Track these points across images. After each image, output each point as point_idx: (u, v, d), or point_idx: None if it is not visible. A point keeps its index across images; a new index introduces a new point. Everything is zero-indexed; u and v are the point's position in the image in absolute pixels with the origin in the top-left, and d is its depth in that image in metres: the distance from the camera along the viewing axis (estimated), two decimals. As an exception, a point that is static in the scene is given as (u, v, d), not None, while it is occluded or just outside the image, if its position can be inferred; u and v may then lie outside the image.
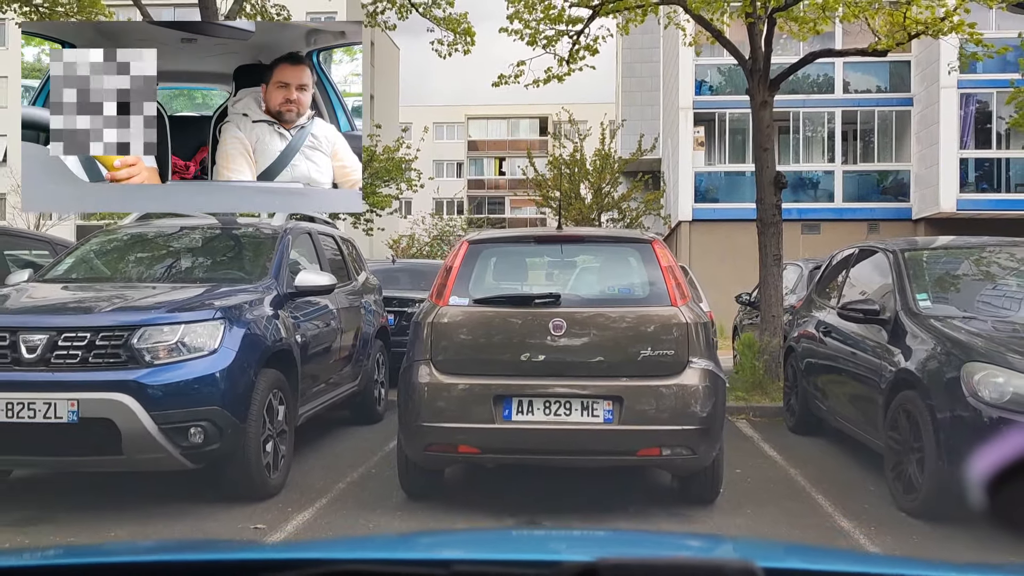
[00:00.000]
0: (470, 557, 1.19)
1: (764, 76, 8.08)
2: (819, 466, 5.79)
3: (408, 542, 1.68)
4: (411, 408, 4.41)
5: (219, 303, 4.67)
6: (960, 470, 4.18)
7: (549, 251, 5.09)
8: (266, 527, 4.26)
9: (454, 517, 4.45)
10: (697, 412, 4.29)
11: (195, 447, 4.31)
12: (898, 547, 4.00)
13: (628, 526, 4.32)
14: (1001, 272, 5.64)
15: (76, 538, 4.04)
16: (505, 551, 1.31)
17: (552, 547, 1.44)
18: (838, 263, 6.96)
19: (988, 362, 4.21)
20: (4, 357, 4.21)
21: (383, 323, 7.69)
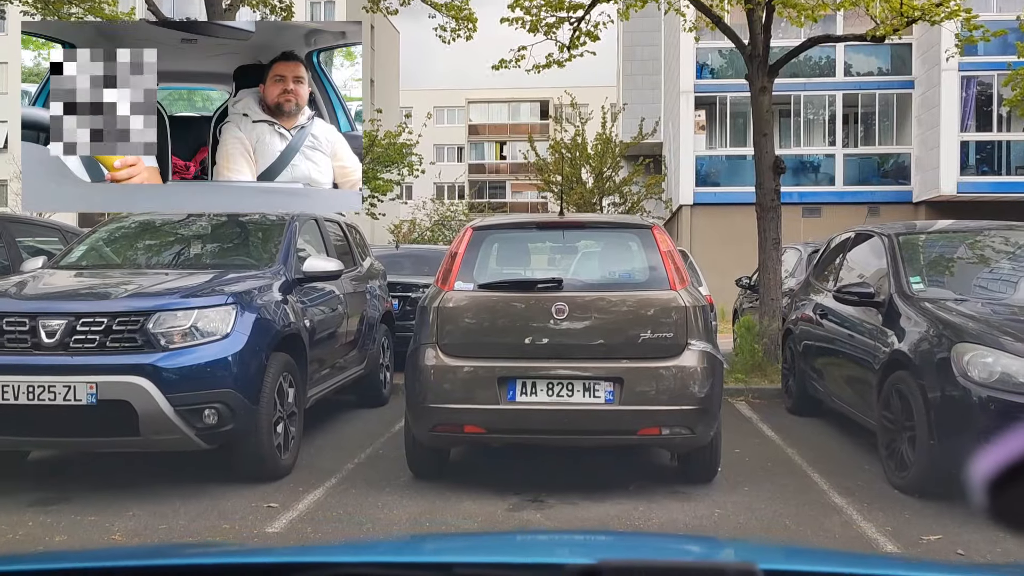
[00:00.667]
0: (472, 560, 1.21)
1: (763, 62, 8.15)
2: (815, 446, 5.94)
3: (411, 545, 1.71)
4: (418, 390, 4.55)
5: (230, 289, 4.80)
6: (950, 448, 4.33)
7: (551, 237, 5.22)
8: (279, 506, 4.41)
9: (460, 496, 4.59)
10: (695, 393, 4.42)
11: (209, 428, 4.46)
12: (889, 523, 4.15)
13: (629, 504, 4.46)
14: (995, 256, 5.76)
15: (97, 517, 4.19)
16: (507, 554, 1.33)
17: (554, 550, 1.47)
18: (835, 247, 7.07)
19: (978, 343, 4.34)
20: (24, 342, 4.35)
21: (388, 308, 7.83)
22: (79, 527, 4.05)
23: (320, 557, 1.23)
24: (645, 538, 2.47)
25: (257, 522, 4.16)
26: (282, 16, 11.04)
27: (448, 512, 4.32)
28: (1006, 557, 3.67)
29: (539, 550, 1.45)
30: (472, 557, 1.26)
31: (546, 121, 48.64)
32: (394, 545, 1.70)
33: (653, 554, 1.39)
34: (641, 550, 1.49)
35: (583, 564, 0.92)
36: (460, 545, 1.62)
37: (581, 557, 1.10)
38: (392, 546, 1.65)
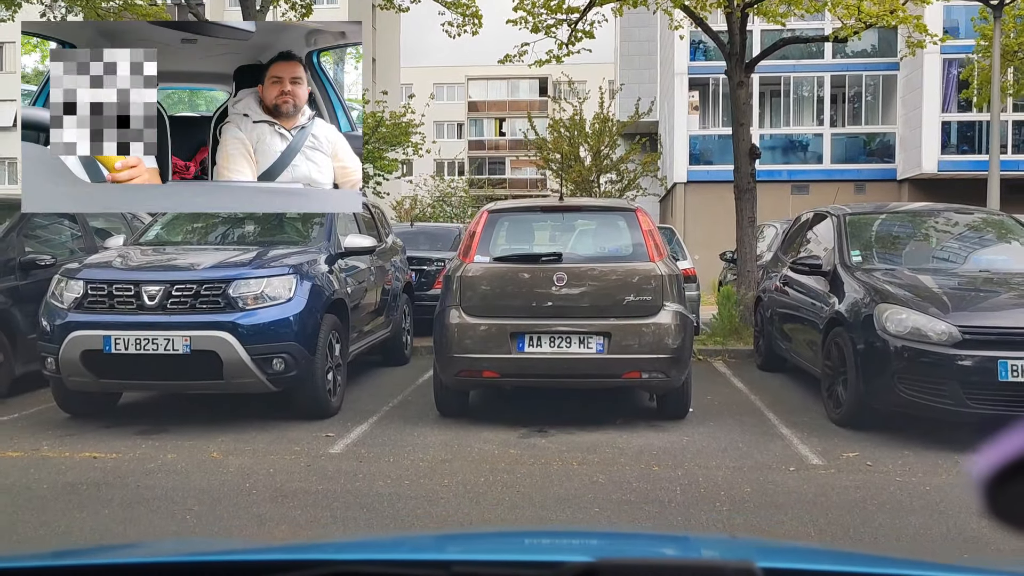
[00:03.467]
0: (470, 558, 1.21)
1: (740, 59, 9.15)
2: (775, 393, 7.04)
3: (408, 543, 1.72)
4: (445, 343, 5.63)
5: (290, 262, 5.86)
6: (872, 387, 5.42)
7: (552, 218, 6.29)
8: (334, 435, 5.50)
9: (480, 428, 5.68)
10: (669, 344, 5.51)
11: (278, 374, 5.54)
12: (820, 445, 5.24)
13: (615, 433, 5.56)
14: (922, 234, 6.83)
15: (193, 442, 5.28)
16: (506, 553, 1.33)
17: (552, 549, 1.46)
18: (799, 226, 8.13)
19: (895, 303, 5.42)
20: (131, 304, 5.42)
21: (408, 279, 8.90)
22: (182, 448, 5.14)
23: (319, 555, 1.22)
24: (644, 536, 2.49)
25: (320, 447, 5.24)
26: (301, 14, 11.94)
27: (471, 439, 5.41)
28: (906, 469, 4.75)
29: (538, 548, 1.44)
30: (470, 555, 1.26)
31: (545, 98, 49.26)
32: (393, 543, 1.71)
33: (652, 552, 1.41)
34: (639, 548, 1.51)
35: (581, 563, 0.91)
36: (458, 543, 1.62)
37: (579, 555, 1.11)
38: (391, 544, 1.66)
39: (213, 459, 4.93)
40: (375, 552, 1.32)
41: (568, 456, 4.97)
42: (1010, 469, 0.65)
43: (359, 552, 1.31)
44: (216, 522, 3.90)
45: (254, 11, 10.46)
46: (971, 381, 4.96)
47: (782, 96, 24.30)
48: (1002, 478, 0.65)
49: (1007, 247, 6.49)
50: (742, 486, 4.38)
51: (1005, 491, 0.66)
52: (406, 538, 2.46)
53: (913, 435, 5.38)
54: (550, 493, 4.28)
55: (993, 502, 0.68)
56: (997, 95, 11.94)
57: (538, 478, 4.54)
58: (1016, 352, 4.92)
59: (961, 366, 4.99)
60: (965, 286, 5.63)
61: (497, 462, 4.84)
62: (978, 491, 0.68)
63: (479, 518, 3.92)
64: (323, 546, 1.68)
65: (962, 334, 5.03)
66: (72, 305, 5.51)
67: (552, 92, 37.06)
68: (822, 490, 4.33)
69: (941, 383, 5.06)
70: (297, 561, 1.12)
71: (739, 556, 1.13)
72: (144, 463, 4.86)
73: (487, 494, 4.26)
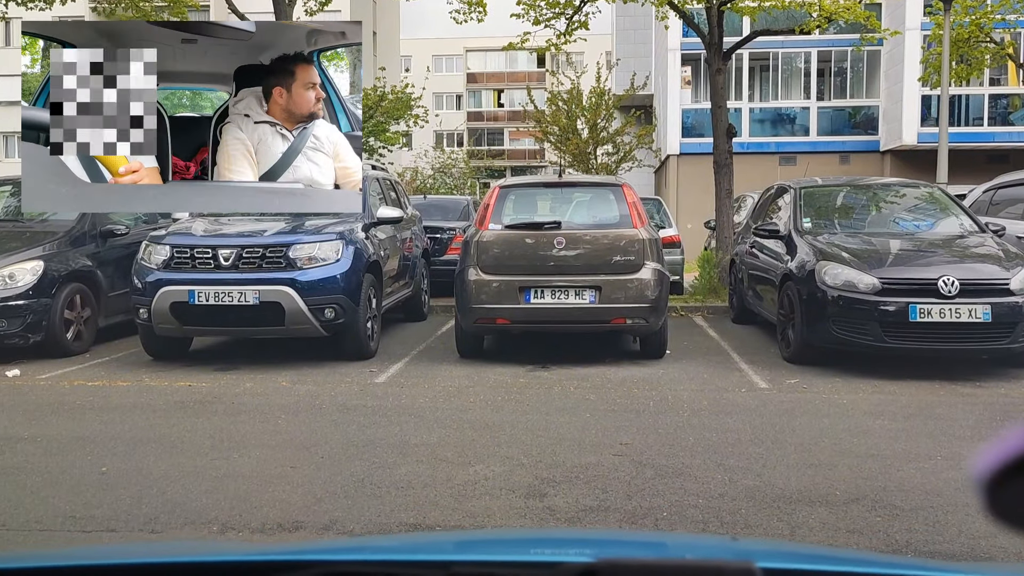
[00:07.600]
0: (469, 559, 1.21)
1: (718, 49, 10.28)
2: (742, 340, 8.32)
3: (407, 543, 1.70)
4: (465, 296, 6.87)
5: (336, 229, 7.07)
6: (813, 330, 6.67)
7: (553, 192, 7.51)
8: (376, 371, 6.77)
9: (493, 365, 6.95)
10: (649, 295, 6.75)
11: (329, 321, 6.79)
12: (769, 376, 6.50)
13: (605, 367, 6.83)
14: (864, 202, 8.07)
15: (264, 376, 6.54)
16: (505, 553, 1.33)
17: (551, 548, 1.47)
18: (767, 197, 9.34)
19: (832, 260, 6.66)
20: (209, 264, 6.66)
21: (425, 246, 10.13)
22: (256, 379, 6.40)
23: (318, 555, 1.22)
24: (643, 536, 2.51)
25: (367, 378, 6.50)
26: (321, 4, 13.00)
27: (488, 372, 6.67)
28: (832, 390, 6.02)
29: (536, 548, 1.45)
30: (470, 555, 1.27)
31: (543, 69, 49.99)
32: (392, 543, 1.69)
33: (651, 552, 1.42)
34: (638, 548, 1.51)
35: (581, 563, 0.88)
36: (458, 543, 1.62)
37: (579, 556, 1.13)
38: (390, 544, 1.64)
39: (283, 386, 6.20)
40: (374, 552, 1.34)
41: (566, 383, 6.24)
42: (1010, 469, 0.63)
43: (358, 553, 1.32)
44: (301, 425, 5.16)
45: (285, 8, 11.54)
46: (888, 322, 6.22)
47: (771, 71, 25.32)
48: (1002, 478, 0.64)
49: (930, 214, 7.73)
50: (701, 401, 5.66)
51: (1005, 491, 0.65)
52: (405, 538, 2.50)
53: (844, 367, 6.66)
54: (552, 406, 5.55)
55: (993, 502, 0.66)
56: (947, 79, 13.21)
57: (542, 396, 5.81)
58: (924, 298, 6.17)
59: (881, 310, 6.24)
60: (888, 247, 6.87)
61: (510, 387, 6.11)
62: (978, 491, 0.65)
63: (499, 421, 5.17)
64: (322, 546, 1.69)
65: (882, 284, 6.29)
66: (161, 265, 6.75)
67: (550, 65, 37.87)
68: (763, 403, 5.61)
69: (865, 324, 6.31)
70: (296, 562, 1.13)
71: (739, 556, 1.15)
72: (231, 388, 6.13)
73: (504, 406, 5.53)
